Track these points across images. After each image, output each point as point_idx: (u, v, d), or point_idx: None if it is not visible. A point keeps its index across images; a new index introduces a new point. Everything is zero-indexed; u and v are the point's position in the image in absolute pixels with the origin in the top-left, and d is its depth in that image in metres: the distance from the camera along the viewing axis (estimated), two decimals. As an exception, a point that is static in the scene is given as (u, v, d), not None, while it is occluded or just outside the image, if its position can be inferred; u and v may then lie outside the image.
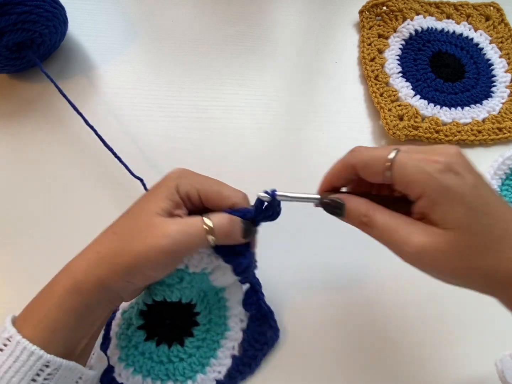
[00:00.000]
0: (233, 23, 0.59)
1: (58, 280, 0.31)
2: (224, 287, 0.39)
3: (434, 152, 0.27)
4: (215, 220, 0.30)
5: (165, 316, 0.38)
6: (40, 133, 0.50)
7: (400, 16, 0.59)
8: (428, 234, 0.26)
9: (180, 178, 0.32)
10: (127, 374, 0.37)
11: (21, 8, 0.44)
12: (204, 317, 0.39)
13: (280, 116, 0.53)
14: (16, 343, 0.28)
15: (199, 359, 0.39)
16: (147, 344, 0.38)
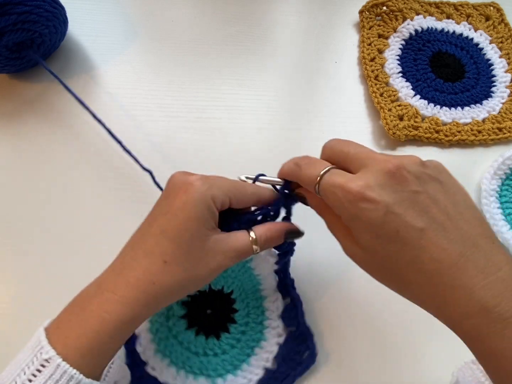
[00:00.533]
0: (233, 23, 0.59)
1: (108, 309, 0.29)
2: (264, 295, 0.41)
3: (356, 176, 0.28)
4: (259, 233, 0.33)
5: (206, 306, 0.40)
6: (40, 133, 0.50)
7: (400, 16, 0.59)
8: (355, 248, 0.29)
9: (211, 188, 0.31)
10: (162, 367, 0.38)
11: (21, 8, 0.44)
12: (242, 318, 0.40)
13: (280, 116, 0.53)
14: (56, 366, 0.27)
15: (232, 359, 0.39)
16: (187, 333, 0.39)
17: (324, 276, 0.44)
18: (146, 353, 0.38)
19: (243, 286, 0.41)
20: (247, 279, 0.40)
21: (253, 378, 0.39)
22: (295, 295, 0.41)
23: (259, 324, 0.41)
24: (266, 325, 0.41)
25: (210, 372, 0.39)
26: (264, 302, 0.41)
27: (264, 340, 0.40)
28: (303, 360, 0.39)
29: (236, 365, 0.39)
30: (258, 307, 0.41)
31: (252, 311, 0.41)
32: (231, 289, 0.41)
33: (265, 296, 0.41)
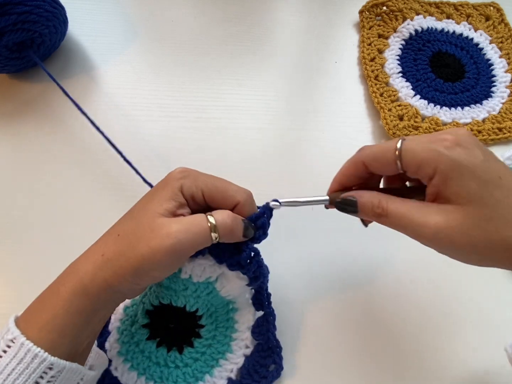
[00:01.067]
0: (233, 23, 0.59)
1: (64, 282, 0.30)
2: (236, 307, 0.39)
3: (441, 133, 0.28)
4: (218, 218, 0.30)
5: (170, 320, 0.38)
6: (40, 133, 0.50)
7: (400, 16, 0.59)
8: (443, 213, 0.26)
9: (185, 178, 0.32)
10: (123, 369, 0.38)
11: (21, 8, 0.44)
12: (209, 332, 0.39)
13: (280, 116, 0.53)
14: (20, 345, 0.27)
15: (194, 372, 0.38)
16: (148, 344, 0.38)
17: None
18: (112, 352, 0.38)
19: (210, 303, 0.38)
20: (213, 297, 0.37)
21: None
22: (269, 309, 0.39)
23: (227, 337, 0.39)
24: (234, 338, 0.39)
25: (171, 383, 0.38)
26: (235, 315, 0.40)
27: (230, 352, 0.39)
28: (268, 374, 0.38)
29: (198, 377, 0.38)
30: (228, 320, 0.40)
31: (221, 324, 0.40)
32: (195, 308, 0.37)
33: (236, 309, 0.40)
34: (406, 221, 0.28)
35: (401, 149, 0.28)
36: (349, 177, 0.32)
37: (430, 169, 0.27)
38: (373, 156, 0.30)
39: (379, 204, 0.29)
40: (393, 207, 0.28)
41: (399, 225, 0.28)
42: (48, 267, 0.43)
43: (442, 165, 0.26)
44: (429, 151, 0.27)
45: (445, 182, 0.26)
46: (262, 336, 0.39)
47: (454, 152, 0.26)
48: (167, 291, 0.36)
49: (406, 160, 0.28)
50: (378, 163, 0.29)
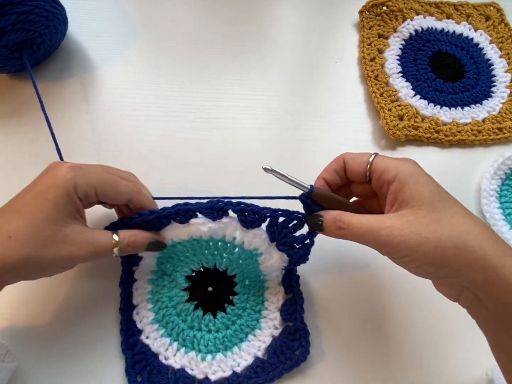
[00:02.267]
0: (233, 23, 0.59)
1: None
2: (267, 286, 0.42)
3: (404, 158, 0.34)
4: (122, 236, 0.34)
5: (208, 284, 0.42)
6: (40, 133, 0.50)
7: (400, 16, 0.59)
8: (398, 216, 0.31)
9: (76, 177, 0.33)
10: (156, 336, 0.40)
11: (21, 8, 0.44)
12: (241, 301, 0.42)
13: (280, 116, 0.53)
14: None
15: (224, 339, 0.40)
16: (186, 305, 0.41)
17: (329, 277, 0.44)
18: (143, 322, 0.40)
19: (248, 273, 0.42)
20: (252, 268, 0.41)
21: (241, 363, 0.39)
22: (298, 291, 0.41)
23: (257, 312, 0.41)
24: (264, 315, 0.41)
25: (202, 347, 0.40)
26: (266, 293, 0.42)
27: (259, 329, 0.41)
28: (294, 356, 0.39)
29: (227, 346, 0.40)
30: (259, 296, 0.42)
31: (252, 298, 0.42)
32: (234, 272, 0.41)
33: (267, 287, 0.42)
34: (364, 229, 0.31)
35: (374, 158, 0.34)
36: (330, 173, 0.36)
37: (391, 175, 0.32)
38: (352, 156, 0.35)
39: (340, 218, 0.33)
40: (353, 219, 0.32)
41: (358, 234, 0.32)
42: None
43: (401, 173, 0.31)
44: (394, 161, 0.33)
45: (402, 187, 0.31)
46: (290, 316, 0.40)
47: (412, 166, 0.32)
48: (212, 256, 0.41)
49: (374, 165, 0.33)
50: (354, 162, 0.34)
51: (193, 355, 0.39)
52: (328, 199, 0.35)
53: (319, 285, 0.44)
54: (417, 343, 0.42)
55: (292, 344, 0.40)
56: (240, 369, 0.39)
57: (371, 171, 0.34)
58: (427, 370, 0.41)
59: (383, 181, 0.32)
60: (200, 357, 0.39)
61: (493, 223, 0.46)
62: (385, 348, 0.41)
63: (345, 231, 0.32)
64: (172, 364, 0.39)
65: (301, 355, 0.39)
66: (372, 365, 0.41)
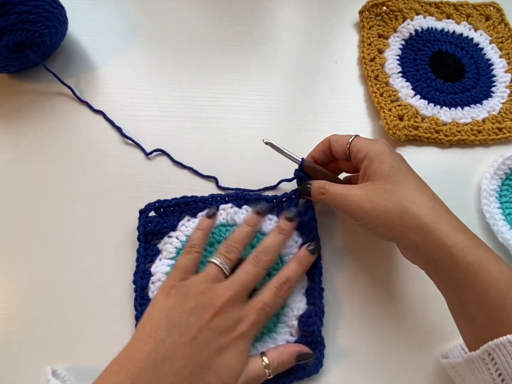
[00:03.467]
0: (233, 23, 0.59)
1: None
2: (290, 293, 0.41)
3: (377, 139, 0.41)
4: (270, 358, 0.36)
5: None
6: (40, 133, 0.50)
7: (400, 16, 0.59)
8: (361, 187, 0.38)
9: (254, 332, 0.36)
10: None
11: (21, 8, 0.44)
12: None
13: (280, 116, 0.53)
14: None
15: None
16: None
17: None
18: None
19: (273, 270, 0.41)
20: (279, 265, 0.42)
21: None
22: (320, 304, 0.41)
23: (275, 316, 0.41)
24: (281, 320, 0.41)
25: None
26: (287, 299, 0.41)
27: (275, 333, 0.40)
28: (307, 367, 0.39)
29: None
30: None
31: None
32: None
33: (290, 294, 0.41)
34: (337, 195, 0.39)
35: (352, 140, 0.40)
36: (318, 152, 0.43)
37: (363, 153, 0.38)
38: (336, 138, 0.42)
39: (324, 186, 0.40)
40: (332, 187, 0.39)
41: (332, 198, 0.39)
42: (48, 267, 0.43)
43: (370, 152, 0.38)
44: (366, 142, 0.39)
45: (369, 164, 0.38)
46: (308, 327, 0.40)
47: (380, 146, 0.38)
48: None
49: (352, 146, 0.40)
50: (337, 143, 0.41)
51: None
52: (317, 171, 0.42)
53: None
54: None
55: None
56: None
57: (349, 151, 0.40)
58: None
59: (358, 159, 0.39)
60: None
61: (493, 223, 0.46)
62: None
63: (325, 196, 0.40)
64: None
65: (314, 367, 0.39)
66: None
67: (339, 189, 0.39)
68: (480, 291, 0.31)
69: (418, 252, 0.36)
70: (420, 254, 0.36)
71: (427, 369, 0.41)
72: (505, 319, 0.30)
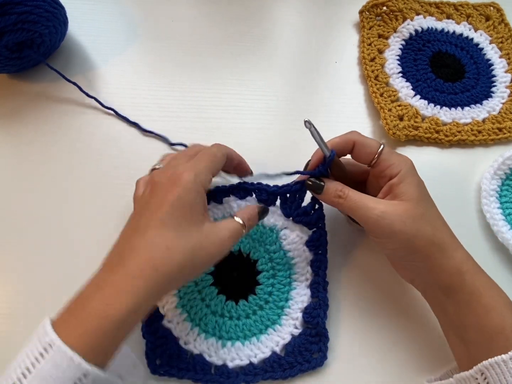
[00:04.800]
0: (233, 23, 0.59)
1: (112, 301, 0.30)
2: (294, 286, 0.42)
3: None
4: (244, 218, 0.37)
5: (233, 269, 0.42)
6: (40, 133, 0.50)
7: (400, 16, 0.59)
8: (390, 204, 0.36)
9: (198, 175, 0.35)
10: (178, 321, 0.41)
11: (21, 8, 0.44)
12: (264, 293, 0.42)
13: (280, 116, 0.53)
14: (58, 350, 0.27)
15: (243, 328, 0.41)
16: (211, 289, 0.42)
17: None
18: (166, 307, 0.41)
19: (272, 257, 0.42)
20: (276, 249, 0.42)
21: (258, 354, 0.40)
22: (325, 297, 0.42)
23: (279, 308, 0.42)
24: (286, 313, 0.42)
25: (223, 333, 0.40)
26: (291, 291, 0.42)
27: (279, 325, 0.41)
28: (312, 360, 0.40)
29: (246, 335, 0.41)
30: (283, 293, 0.42)
31: (276, 293, 0.42)
32: (257, 256, 0.42)
33: (294, 287, 0.42)
34: (360, 204, 0.36)
35: (382, 149, 0.38)
36: (337, 147, 0.39)
37: (395, 172, 0.37)
38: (362, 142, 0.38)
39: (342, 189, 0.38)
40: (352, 193, 0.37)
41: (353, 206, 0.37)
42: (49, 267, 0.43)
43: (403, 171, 0.37)
44: (397, 159, 0.38)
45: (399, 183, 0.36)
46: (312, 319, 0.41)
47: (410, 166, 0.38)
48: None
49: (382, 159, 0.38)
50: (363, 150, 0.38)
51: (213, 341, 0.40)
52: (339, 170, 0.40)
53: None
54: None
55: (311, 347, 0.40)
56: (257, 361, 0.40)
57: (379, 162, 0.38)
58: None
59: (387, 174, 0.37)
60: (221, 344, 0.40)
61: (493, 223, 0.46)
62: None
63: (343, 200, 0.37)
64: (191, 349, 0.40)
65: (319, 360, 0.40)
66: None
67: (363, 198, 0.37)
68: (482, 312, 0.33)
69: (421, 274, 0.37)
70: (424, 277, 0.37)
71: (428, 366, 0.41)
72: (503, 340, 0.32)
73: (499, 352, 0.31)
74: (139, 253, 0.31)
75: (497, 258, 0.46)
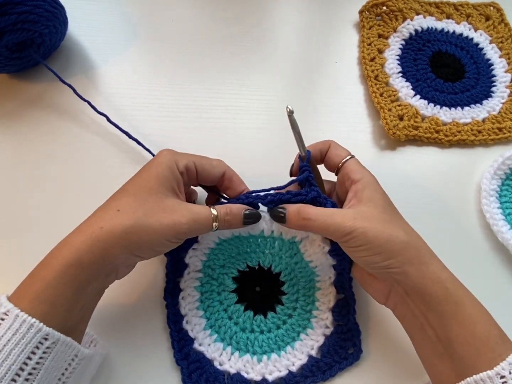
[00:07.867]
0: (233, 23, 0.59)
1: (56, 254, 0.32)
2: (318, 286, 0.42)
3: None
4: (220, 210, 0.36)
5: (256, 284, 0.42)
6: (40, 133, 0.50)
7: (400, 16, 0.59)
8: (357, 212, 0.35)
9: (176, 155, 0.37)
10: (209, 342, 0.40)
11: (21, 8, 0.44)
12: (290, 301, 0.42)
13: (280, 116, 0.53)
14: (15, 317, 0.28)
15: (276, 339, 0.41)
16: (237, 307, 0.42)
17: None
18: (195, 330, 0.41)
19: (294, 269, 0.42)
20: (298, 261, 0.41)
21: (296, 362, 0.40)
22: (351, 293, 0.41)
23: (308, 312, 0.42)
24: (315, 315, 0.42)
25: (257, 348, 0.40)
26: (316, 293, 0.42)
27: (311, 329, 0.41)
28: (347, 356, 0.40)
29: (280, 346, 0.41)
30: (309, 296, 0.42)
31: (302, 298, 0.42)
32: (279, 269, 0.42)
33: (319, 288, 0.42)
34: (330, 221, 0.34)
35: (350, 158, 0.39)
36: (316, 150, 0.41)
37: (358, 176, 0.37)
38: (336, 146, 0.40)
39: (304, 209, 0.36)
40: (318, 211, 0.35)
41: (324, 225, 0.35)
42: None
43: (366, 178, 0.37)
44: (361, 167, 0.39)
45: (363, 189, 0.36)
46: (342, 317, 0.41)
47: (373, 177, 0.38)
48: (254, 254, 0.42)
49: (348, 163, 0.39)
50: (335, 152, 0.40)
51: (248, 358, 0.40)
52: (315, 173, 0.39)
53: None
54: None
55: (345, 344, 0.40)
56: (296, 368, 0.40)
57: (343, 166, 0.39)
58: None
59: (350, 179, 0.38)
60: (256, 359, 0.40)
61: (493, 223, 0.46)
62: None
63: (311, 222, 0.35)
64: (227, 369, 0.39)
65: (355, 355, 0.40)
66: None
67: (330, 214, 0.35)
68: (468, 323, 0.32)
69: (402, 284, 0.35)
70: (402, 287, 0.35)
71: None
72: (489, 351, 0.31)
73: (487, 365, 0.30)
74: (94, 215, 0.34)
75: (497, 258, 0.46)
